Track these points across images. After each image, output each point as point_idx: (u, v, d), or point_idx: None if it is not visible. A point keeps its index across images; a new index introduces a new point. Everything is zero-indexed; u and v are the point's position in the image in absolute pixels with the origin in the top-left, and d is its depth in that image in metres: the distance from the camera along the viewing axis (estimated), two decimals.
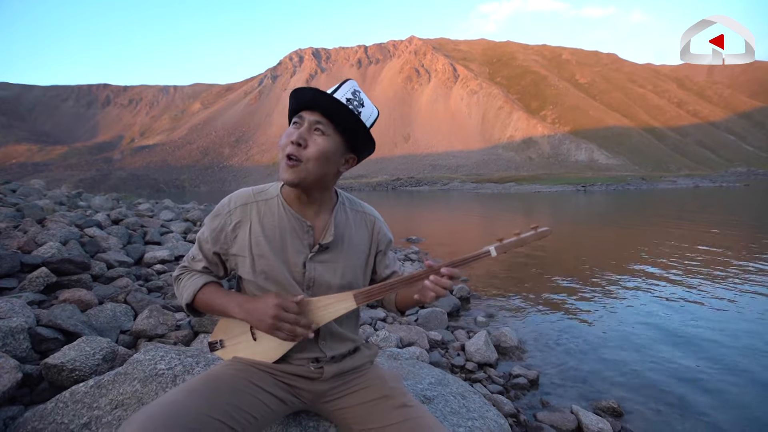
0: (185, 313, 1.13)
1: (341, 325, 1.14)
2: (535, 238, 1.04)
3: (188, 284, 1.10)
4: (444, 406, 1.41)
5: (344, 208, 1.17)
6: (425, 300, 1.01)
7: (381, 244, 1.20)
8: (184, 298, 1.09)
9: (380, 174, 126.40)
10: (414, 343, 3.28)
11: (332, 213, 1.12)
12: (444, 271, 0.99)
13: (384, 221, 1.25)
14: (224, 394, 0.94)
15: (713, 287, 5.48)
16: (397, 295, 1.18)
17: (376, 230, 1.20)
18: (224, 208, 1.09)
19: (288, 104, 1.06)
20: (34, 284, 2.73)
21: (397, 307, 1.19)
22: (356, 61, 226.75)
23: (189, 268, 1.14)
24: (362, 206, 1.22)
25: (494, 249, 1.02)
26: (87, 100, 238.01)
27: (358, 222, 1.18)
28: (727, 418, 2.57)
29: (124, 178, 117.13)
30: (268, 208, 1.08)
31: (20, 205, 4.94)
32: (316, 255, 1.08)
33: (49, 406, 1.29)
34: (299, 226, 1.07)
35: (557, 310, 4.75)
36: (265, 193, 1.10)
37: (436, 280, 0.98)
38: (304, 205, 1.08)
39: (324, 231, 1.10)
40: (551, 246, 9.72)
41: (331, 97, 0.98)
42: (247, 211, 1.07)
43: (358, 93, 1.03)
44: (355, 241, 1.15)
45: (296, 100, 1.02)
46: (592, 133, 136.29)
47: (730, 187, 41.25)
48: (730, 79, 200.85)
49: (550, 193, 40.95)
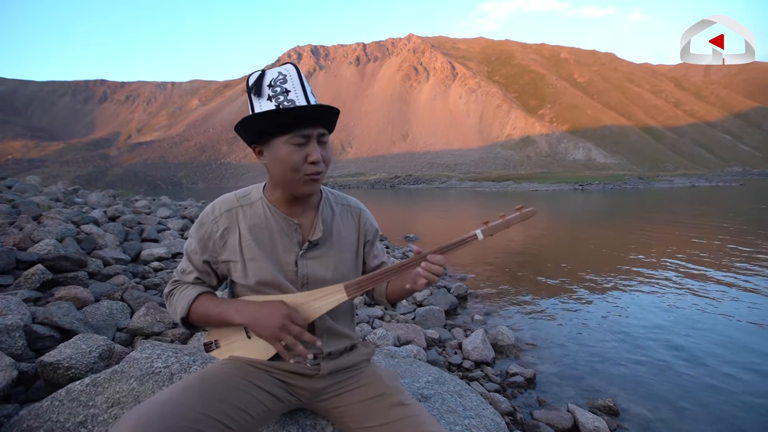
0: (180, 322, 1.09)
1: (337, 321, 1.14)
2: (520, 219, 1.05)
3: (181, 297, 1.07)
4: (441, 405, 1.41)
5: (329, 203, 1.16)
6: (417, 288, 1.01)
7: (368, 234, 1.20)
8: (178, 312, 1.06)
9: (378, 172, 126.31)
10: (411, 342, 3.28)
11: (318, 209, 1.12)
12: (433, 258, 0.99)
13: (369, 211, 1.25)
14: (219, 391, 0.94)
15: (710, 287, 5.51)
16: (387, 287, 1.18)
17: (362, 221, 1.20)
18: (208, 216, 1.07)
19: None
20: (29, 281, 2.71)
21: (387, 299, 1.19)
22: (355, 59, 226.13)
23: (180, 282, 1.11)
24: (346, 199, 1.22)
25: (480, 232, 1.03)
26: (84, 96, 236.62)
27: (344, 215, 1.18)
28: (723, 417, 2.59)
29: (121, 174, 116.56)
30: (253, 212, 1.07)
31: (16, 201, 4.91)
32: (306, 252, 1.08)
33: (44, 405, 1.28)
34: (287, 225, 1.07)
35: (554, 308, 4.77)
36: (248, 197, 1.10)
37: (427, 267, 0.99)
38: (291, 205, 1.08)
39: (312, 228, 1.09)
40: (549, 245, 9.75)
41: (334, 109, 0.98)
42: (233, 216, 1.06)
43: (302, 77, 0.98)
44: (343, 234, 1.15)
45: (298, 117, 0.95)
46: (590, 132, 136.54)
47: (726, 187, 41.45)
48: (727, 80, 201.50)
49: (547, 191, 41.04)
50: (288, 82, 0.95)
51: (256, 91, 0.96)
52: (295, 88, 0.95)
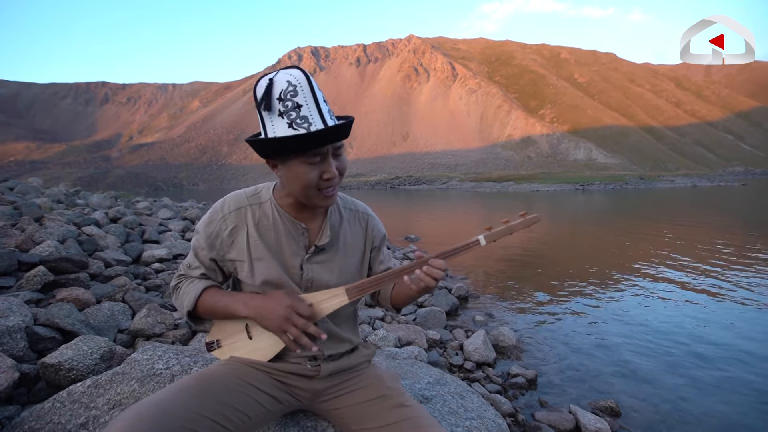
0: (186, 316, 1.08)
1: (339, 325, 1.14)
2: (524, 226, 1.06)
3: (188, 290, 1.07)
4: (442, 406, 1.41)
5: (337, 207, 1.16)
6: (417, 290, 1.02)
7: (375, 240, 1.20)
8: (185, 305, 1.05)
9: (379, 173, 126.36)
10: (412, 343, 3.28)
11: (326, 214, 1.11)
12: (434, 262, 1.00)
13: (377, 217, 1.24)
14: (217, 392, 0.94)
15: (713, 287, 5.49)
16: (392, 291, 1.18)
17: (370, 227, 1.20)
18: (218, 213, 1.06)
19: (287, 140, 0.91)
20: (31, 283, 2.72)
21: (392, 303, 1.19)
22: (355, 60, 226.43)
23: (186, 276, 1.11)
24: (355, 204, 1.22)
25: (483, 238, 1.03)
26: (85, 97, 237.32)
27: (352, 220, 1.18)
28: (725, 418, 2.58)
29: (122, 176, 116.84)
30: (262, 212, 1.07)
31: (18, 203, 4.91)
32: (312, 256, 1.08)
33: (46, 406, 1.28)
34: (294, 228, 1.07)
35: (556, 309, 4.76)
36: (258, 196, 1.09)
37: (428, 271, 0.99)
38: (300, 210, 1.07)
39: (320, 233, 1.09)
40: (550, 245, 9.74)
41: (349, 126, 0.96)
42: (241, 215, 1.05)
43: (313, 86, 0.92)
44: (350, 240, 1.15)
45: (315, 139, 0.90)
46: (591, 133, 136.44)
47: (728, 187, 41.36)
48: (728, 79, 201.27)
49: (548, 192, 40.99)
50: (299, 94, 0.89)
51: (266, 105, 0.90)
52: (307, 102, 0.90)
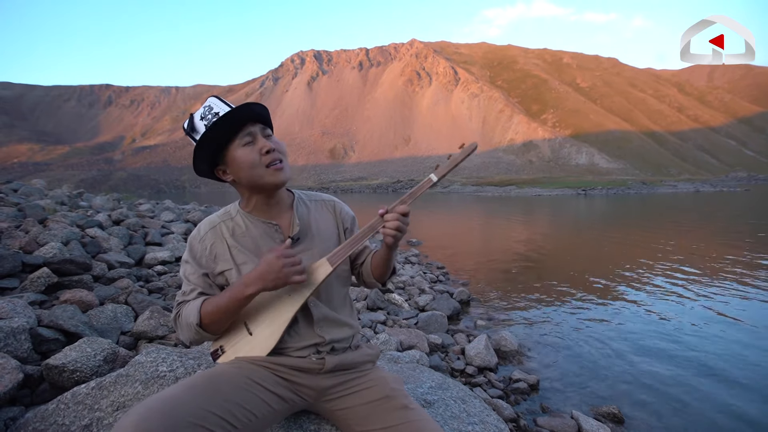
0: (196, 333, 1.09)
1: (336, 310, 1.18)
2: (464, 155, 1.12)
3: (189, 309, 1.08)
4: (444, 411, 1.41)
5: (302, 201, 1.25)
6: (388, 243, 1.09)
7: (346, 222, 1.28)
8: (191, 320, 1.06)
9: (380, 176, 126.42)
10: (414, 347, 3.27)
11: (292, 208, 1.20)
12: (398, 208, 1.06)
13: (343, 202, 1.32)
14: (224, 390, 0.95)
15: (716, 293, 5.47)
16: (371, 265, 1.23)
17: (338, 210, 1.29)
18: (195, 238, 1.15)
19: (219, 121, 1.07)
20: (35, 284, 2.73)
21: (374, 276, 1.24)
22: (357, 64, 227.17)
23: (184, 302, 1.13)
24: (319, 196, 1.31)
25: (434, 175, 1.12)
26: (89, 100, 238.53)
27: (319, 209, 1.26)
28: (728, 425, 2.57)
29: (125, 178, 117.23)
30: (235, 224, 1.16)
31: (22, 204, 4.94)
32: (290, 248, 1.10)
33: (50, 407, 1.29)
34: (267, 228, 1.15)
35: (558, 314, 4.75)
36: (227, 213, 1.19)
37: (390, 218, 1.06)
38: (266, 209, 1.16)
39: (290, 225, 1.17)
40: (552, 250, 9.72)
41: (258, 104, 1.09)
42: (217, 231, 1.15)
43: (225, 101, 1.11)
44: (322, 226, 1.22)
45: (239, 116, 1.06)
46: (593, 137, 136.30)
47: (731, 192, 41.23)
48: (731, 84, 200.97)
49: (550, 196, 40.95)
50: (214, 108, 1.07)
51: (190, 129, 1.08)
52: (220, 108, 1.07)
